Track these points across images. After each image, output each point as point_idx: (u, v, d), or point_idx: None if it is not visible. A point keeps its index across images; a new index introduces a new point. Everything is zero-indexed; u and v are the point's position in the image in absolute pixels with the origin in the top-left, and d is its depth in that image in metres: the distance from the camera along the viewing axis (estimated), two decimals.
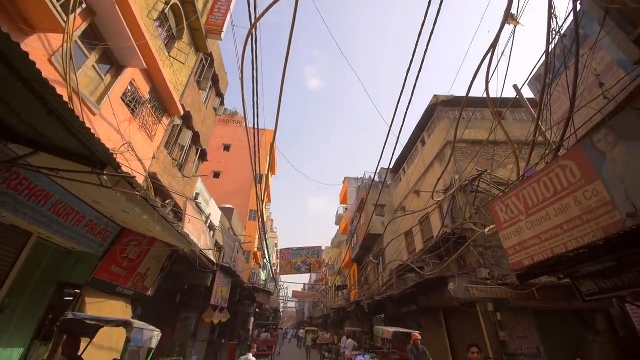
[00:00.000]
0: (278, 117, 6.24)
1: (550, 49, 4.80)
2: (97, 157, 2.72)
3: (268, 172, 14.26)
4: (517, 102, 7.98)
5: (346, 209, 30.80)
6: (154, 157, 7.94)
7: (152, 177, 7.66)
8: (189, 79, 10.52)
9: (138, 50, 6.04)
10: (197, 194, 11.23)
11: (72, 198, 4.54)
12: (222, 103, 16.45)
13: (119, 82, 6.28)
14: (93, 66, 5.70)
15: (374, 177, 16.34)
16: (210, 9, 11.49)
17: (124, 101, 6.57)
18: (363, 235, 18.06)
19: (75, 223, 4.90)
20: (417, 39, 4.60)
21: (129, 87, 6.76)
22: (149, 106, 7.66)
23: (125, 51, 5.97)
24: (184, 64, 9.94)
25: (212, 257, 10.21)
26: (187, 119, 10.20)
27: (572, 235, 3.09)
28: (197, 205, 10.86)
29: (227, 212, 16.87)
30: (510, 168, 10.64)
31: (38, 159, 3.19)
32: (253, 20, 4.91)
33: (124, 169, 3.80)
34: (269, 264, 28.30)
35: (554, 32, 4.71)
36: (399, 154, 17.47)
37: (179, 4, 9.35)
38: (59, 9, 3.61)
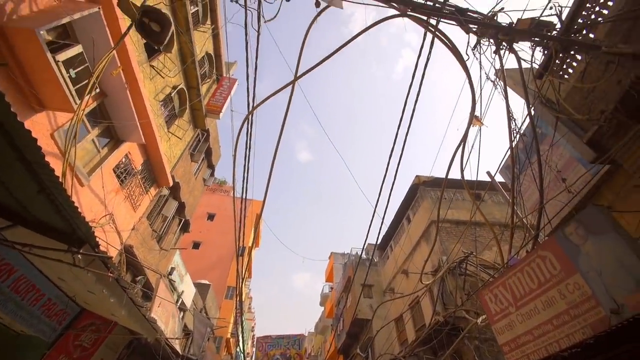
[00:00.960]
0: (267, 192, 6.35)
1: (514, 145, 5.42)
2: (77, 235, 2.64)
3: (252, 245, 13.79)
4: (493, 186, 8.56)
5: (332, 287, 29.08)
6: (133, 228, 7.68)
7: (127, 250, 7.27)
8: (183, 152, 10.96)
9: (140, 128, 6.43)
10: (173, 269, 10.54)
11: (36, 274, 4.19)
12: (212, 174, 16.83)
13: (115, 154, 6.48)
14: (92, 140, 5.95)
15: (361, 254, 15.90)
16: (213, 92, 12.73)
17: (115, 172, 6.68)
18: (350, 320, 16.70)
19: (32, 302, 4.40)
20: (397, 129, 5.13)
21: (123, 160, 6.95)
22: (139, 177, 7.76)
23: (127, 128, 6.34)
24: (180, 139, 10.50)
25: (177, 347, 9.01)
26: (175, 189, 10.26)
27: (563, 331, 2.99)
28: (171, 282, 10.07)
29: (202, 289, 15.61)
30: (495, 250, 10.75)
31: (13, 231, 3.06)
32: (250, 108, 5.44)
33: (100, 242, 3.65)
34: (242, 355, 24.97)
35: (514, 132, 5.40)
36: (386, 229, 17.54)
37: (185, 89, 10.36)
38: (74, 93, 3.97)
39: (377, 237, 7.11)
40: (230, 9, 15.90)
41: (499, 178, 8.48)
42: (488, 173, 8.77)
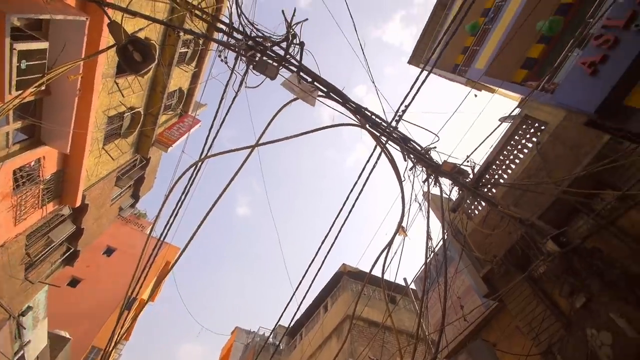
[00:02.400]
0: (189, 242, 5.77)
1: (428, 260, 6.03)
2: None
3: (148, 299, 11.88)
4: (407, 293, 9.06)
5: None
6: (2, 245, 6.15)
7: None
8: (110, 174, 9.89)
9: (70, 136, 5.81)
10: (29, 308, 8.26)
11: None
12: (133, 205, 15.08)
13: (25, 155, 5.59)
14: (7, 132, 5.15)
15: (269, 337, 14.49)
16: (170, 125, 12.40)
17: (15, 174, 5.64)
18: None
19: None
20: (335, 218, 5.41)
21: (32, 163, 6.00)
22: (41, 187, 6.62)
23: (56, 132, 5.68)
24: (114, 159, 9.59)
25: None
26: (79, 212, 8.83)
27: None
28: (19, 327, 7.76)
29: (56, 343, 12.17)
30: None
31: None
32: (203, 155, 5.38)
33: None
34: None
35: (430, 249, 6.09)
36: (302, 314, 16.61)
37: (142, 113, 9.97)
38: (14, 83, 3.58)
39: (291, 320, 6.61)
40: (218, 65, 16.87)
41: (413, 286, 9.12)
42: (405, 280, 9.38)
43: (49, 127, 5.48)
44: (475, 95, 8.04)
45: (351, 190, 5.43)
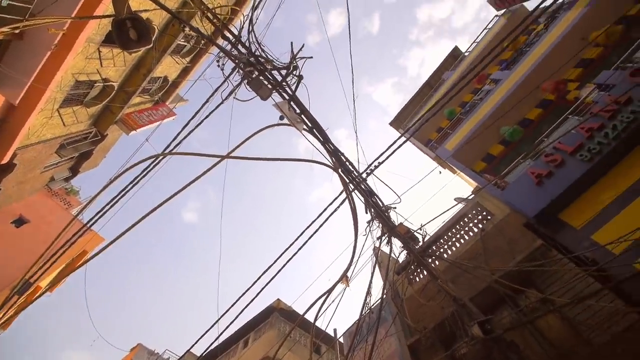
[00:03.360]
0: (118, 238, 5.19)
1: (362, 317, 5.98)
2: None
3: (46, 289, 10.30)
4: (334, 345, 8.75)
5: None
6: None
7: None
8: (55, 139, 8.94)
9: (26, 88, 5.24)
10: None
11: None
12: (68, 179, 13.59)
13: None
14: None
15: None
16: (141, 109, 11.76)
17: None
18: None
19: None
20: (282, 252, 5.25)
21: None
22: None
23: (12, 79, 5.10)
24: (65, 125, 8.74)
25: None
26: (2, 170, 7.72)
27: None
28: None
29: None
30: None
31: None
32: (168, 150, 5.09)
33: None
34: None
35: (367, 305, 6.08)
36: (219, 343, 15.17)
37: (115, 87, 9.40)
38: None
39: (205, 350, 5.97)
40: (213, 69, 16.86)
41: (342, 339, 8.88)
42: (335, 331, 9.13)
43: (6, 71, 4.92)
44: (440, 172, 8.74)
45: (306, 228, 5.39)
